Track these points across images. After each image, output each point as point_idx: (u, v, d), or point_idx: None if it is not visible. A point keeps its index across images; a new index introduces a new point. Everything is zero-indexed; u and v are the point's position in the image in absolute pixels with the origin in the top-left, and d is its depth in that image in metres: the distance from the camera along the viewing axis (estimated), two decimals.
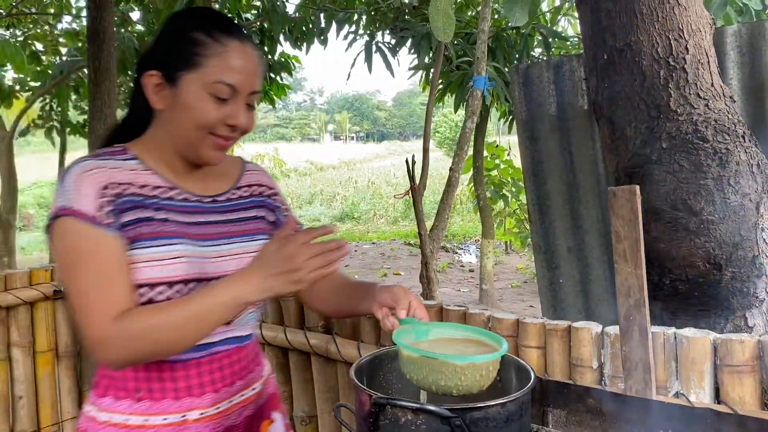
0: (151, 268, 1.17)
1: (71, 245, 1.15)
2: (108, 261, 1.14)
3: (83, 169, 1.18)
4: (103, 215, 1.15)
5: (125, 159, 1.25)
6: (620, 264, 1.31)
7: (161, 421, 1.23)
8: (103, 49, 2.93)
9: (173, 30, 1.25)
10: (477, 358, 1.12)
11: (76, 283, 1.14)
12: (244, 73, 1.21)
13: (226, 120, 1.21)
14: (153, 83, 1.22)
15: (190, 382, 1.25)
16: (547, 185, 2.84)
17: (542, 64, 2.79)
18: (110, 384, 1.25)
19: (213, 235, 1.28)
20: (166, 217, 1.23)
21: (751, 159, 1.78)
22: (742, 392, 1.30)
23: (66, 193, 1.16)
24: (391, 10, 5.72)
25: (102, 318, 1.11)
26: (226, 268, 1.25)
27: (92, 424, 1.25)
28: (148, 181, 1.24)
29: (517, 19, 2.22)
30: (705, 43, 1.84)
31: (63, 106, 8.21)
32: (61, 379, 2.88)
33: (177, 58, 1.20)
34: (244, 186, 1.42)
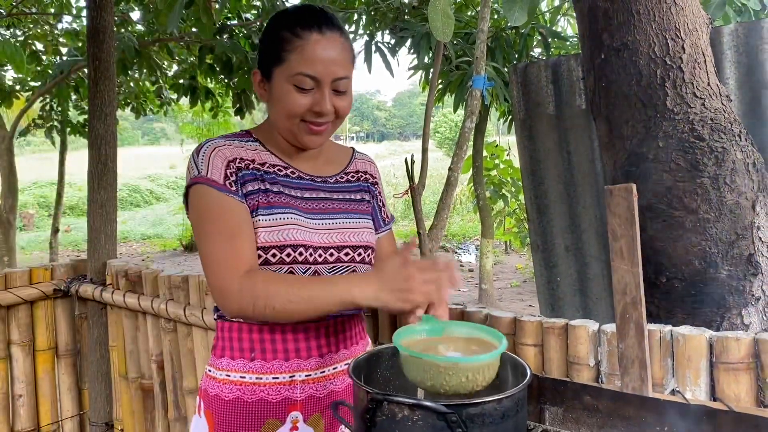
0: (266, 233, 1.32)
1: (205, 207, 1.32)
2: (236, 221, 1.30)
3: (213, 146, 1.36)
4: (230, 184, 1.32)
5: (248, 141, 1.42)
6: (617, 262, 1.31)
7: (272, 379, 1.37)
8: (103, 49, 2.93)
9: (267, 31, 1.38)
10: (463, 359, 1.13)
11: (209, 240, 1.30)
12: (322, 63, 1.30)
13: (311, 107, 1.32)
14: (257, 80, 1.39)
15: (298, 345, 1.38)
16: (545, 184, 2.85)
17: (540, 63, 2.79)
18: (226, 346, 1.40)
19: (321, 209, 1.42)
20: (281, 190, 1.38)
21: (747, 158, 1.78)
22: (738, 390, 1.31)
23: (199, 165, 1.33)
24: (390, 10, 5.72)
25: (230, 271, 1.26)
26: (329, 240, 1.40)
27: (212, 382, 1.40)
28: (268, 159, 1.41)
29: (517, 18, 2.22)
30: (702, 43, 1.85)
31: (63, 105, 8.22)
32: (61, 377, 2.90)
33: (269, 56, 1.34)
34: (352, 171, 1.55)
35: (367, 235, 1.47)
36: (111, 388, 2.90)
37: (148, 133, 54.58)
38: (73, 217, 17.13)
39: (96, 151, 2.92)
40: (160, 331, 2.56)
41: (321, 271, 1.38)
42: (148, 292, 2.58)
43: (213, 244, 1.30)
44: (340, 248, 1.41)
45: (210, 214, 1.31)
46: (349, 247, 1.42)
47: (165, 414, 2.64)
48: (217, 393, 1.39)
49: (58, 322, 2.86)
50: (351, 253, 1.42)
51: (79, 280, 2.87)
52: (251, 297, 1.25)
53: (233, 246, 1.29)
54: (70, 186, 16.25)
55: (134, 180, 22.12)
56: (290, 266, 1.34)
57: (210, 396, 1.40)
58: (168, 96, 8.37)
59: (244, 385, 1.37)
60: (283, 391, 1.37)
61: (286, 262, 1.33)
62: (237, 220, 1.31)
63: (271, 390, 1.37)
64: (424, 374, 1.12)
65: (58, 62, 6.77)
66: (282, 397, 1.37)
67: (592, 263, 2.73)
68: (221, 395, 1.38)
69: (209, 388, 1.41)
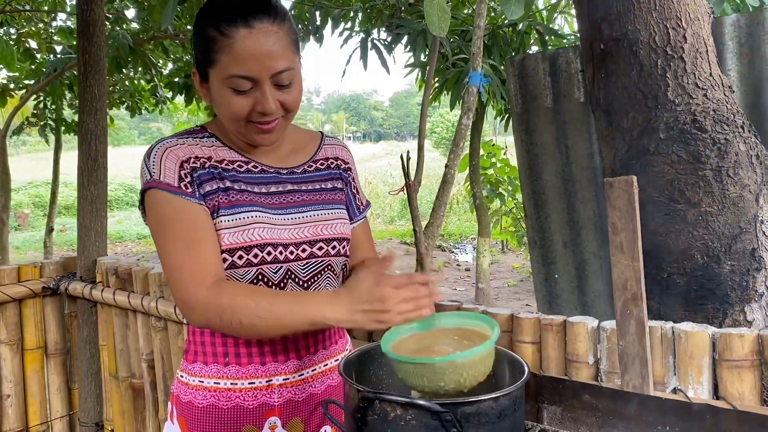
0: (230, 235, 1.25)
1: (159, 214, 1.24)
2: (194, 226, 1.22)
3: (164, 147, 1.27)
4: (185, 186, 1.24)
5: (203, 137, 1.33)
6: (617, 256, 1.28)
7: (248, 385, 1.31)
8: (93, 43, 2.88)
9: (195, 28, 1.27)
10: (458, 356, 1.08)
11: (168, 249, 1.23)
12: (255, 60, 1.18)
13: (254, 108, 1.22)
14: (197, 81, 1.29)
15: (275, 348, 1.32)
16: (543, 179, 2.81)
17: (538, 56, 2.76)
18: (199, 351, 1.34)
19: (289, 203, 1.34)
20: (244, 188, 1.29)
21: (750, 150, 1.74)
22: (742, 387, 1.28)
23: (151, 169, 1.25)
24: (386, 7, 5.68)
25: (193, 282, 1.19)
26: (301, 235, 1.32)
27: (184, 388, 1.34)
28: (226, 156, 1.32)
29: (513, 12, 2.18)
30: (703, 33, 1.81)
31: (57, 103, 8.18)
32: (50, 377, 2.85)
33: (201, 56, 1.24)
34: (321, 159, 1.45)
35: (341, 227, 1.39)
36: (101, 388, 2.86)
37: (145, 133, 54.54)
38: (68, 217, 17.05)
39: (86, 146, 2.88)
40: (151, 329, 2.51)
41: (294, 269, 1.30)
42: (138, 289, 2.53)
43: (173, 252, 1.22)
44: (313, 243, 1.33)
45: (166, 219, 1.23)
46: (322, 240, 1.34)
47: (156, 414, 2.60)
48: (190, 399, 1.32)
49: (47, 321, 2.81)
50: (325, 247, 1.34)
51: (68, 277, 2.82)
52: (217, 310, 1.17)
53: (195, 253, 1.21)
54: (65, 185, 16.18)
55: (130, 180, 22.04)
56: (259, 268, 1.26)
57: (183, 402, 1.34)
58: (163, 95, 8.32)
59: (218, 391, 1.31)
60: (260, 397, 1.31)
61: (254, 263, 1.26)
62: (196, 224, 1.23)
63: (247, 396, 1.31)
64: (419, 377, 1.08)
65: (52, 60, 6.72)
66: (259, 403, 1.31)
67: (590, 259, 2.70)
68: (194, 402, 1.32)
69: (182, 395, 1.34)
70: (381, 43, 5.67)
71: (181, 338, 2.40)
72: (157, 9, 5.21)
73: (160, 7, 5.03)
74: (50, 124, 8.56)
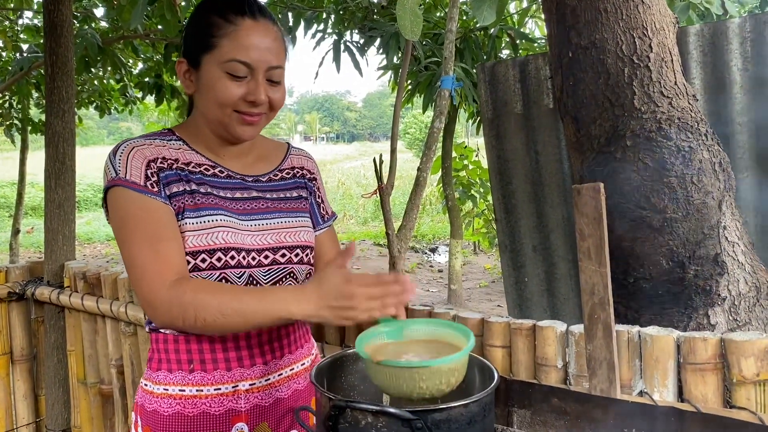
0: (194, 237, 1.25)
1: (124, 211, 1.23)
2: (159, 225, 1.22)
3: (131, 146, 1.27)
4: (151, 185, 1.24)
5: (171, 140, 1.33)
6: (584, 262, 1.30)
7: (214, 391, 1.30)
8: (60, 44, 2.83)
9: (194, 16, 1.30)
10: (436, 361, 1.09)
11: (132, 247, 1.21)
12: (257, 50, 1.24)
13: (245, 97, 1.25)
14: (182, 70, 1.31)
15: (241, 354, 1.32)
16: (513, 184, 2.84)
17: (508, 62, 2.78)
18: (163, 358, 1.32)
19: (254, 210, 1.35)
20: (210, 191, 1.30)
21: (713, 157, 1.79)
22: (705, 390, 1.31)
23: (116, 166, 1.25)
24: (359, 10, 5.68)
25: (156, 280, 1.18)
26: (264, 242, 1.33)
27: (149, 396, 1.32)
28: (193, 158, 1.33)
29: (485, 18, 2.20)
30: (669, 42, 1.85)
31: (23, 103, 8.01)
32: (16, 383, 2.80)
33: (197, 43, 1.27)
34: (287, 168, 1.47)
35: (304, 235, 1.41)
36: (69, 394, 2.81)
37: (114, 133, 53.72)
38: (35, 218, 16.73)
39: (53, 148, 2.83)
40: (120, 334, 2.48)
41: (256, 275, 1.31)
42: (107, 294, 2.50)
43: (136, 250, 1.21)
44: (276, 249, 1.34)
45: (131, 218, 1.23)
46: (285, 248, 1.36)
47: (125, 420, 2.56)
48: (155, 408, 1.31)
49: (13, 326, 2.76)
50: (288, 254, 1.36)
51: (35, 282, 2.78)
52: (180, 308, 1.16)
53: (158, 252, 1.20)
54: (32, 186, 15.87)
55: (99, 180, 21.67)
56: (222, 272, 1.27)
57: (148, 411, 1.32)
58: (133, 95, 8.20)
59: (184, 398, 1.29)
60: (227, 403, 1.31)
61: (217, 267, 1.26)
62: (160, 223, 1.23)
63: (213, 402, 1.30)
64: (394, 381, 1.08)
65: (18, 59, 6.58)
66: (225, 409, 1.30)
67: (559, 263, 2.73)
68: (160, 410, 1.30)
69: (146, 404, 1.32)
70: (354, 45, 5.68)
71: None
72: (126, 9, 5.13)
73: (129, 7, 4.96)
74: (16, 123, 8.39)
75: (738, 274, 1.77)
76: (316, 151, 43.71)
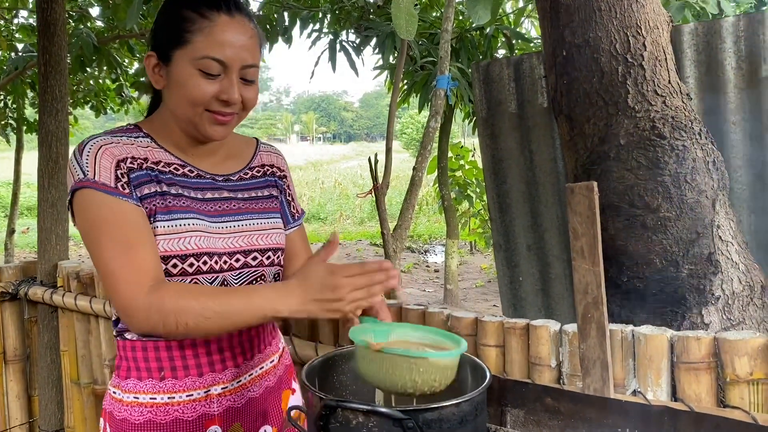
0: (165, 242, 1.20)
1: (94, 215, 1.17)
2: (132, 228, 1.17)
3: (99, 144, 1.21)
4: (122, 186, 1.19)
5: (138, 137, 1.27)
6: (578, 261, 1.30)
7: (186, 397, 1.27)
8: (54, 43, 2.82)
9: (166, 9, 1.24)
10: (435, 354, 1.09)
11: (104, 253, 1.16)
12: (232, 47, 1.19)
13: (218, 95, 1.20)
14: (152, 64, 1.24)
15: (212, 358, 1.29)
16: (507, 183, 2.84)
17: (502, 61, 2.78)
18: (132, 366, 1.28)
19: (225, 211, 1.31)
20: (180, 192, 1.26)
21: (707, 156, 1.79)
22: (699, 389, 1.31)
23: (84, 167, 1.18)
24: (355, 9, 5.68)
25: (133, 287, 1.13)
26: (235, 244, 1.29)
27: (118, 405, 1.28)
28: (162, 158, 1.27)
29: (480, 17, 2.20)
30: (662, 41, 1.85)
31: (18, 103, 7.99)
32: (9, 384, 2.79)
33: (169, 37, 1.21)
34: (257, 166, 1.43)
35: (276, 237, 1.38)
36: (62, 395, 2.81)
37: None
38: (30, 218, 16.67)
39: (47, 148, 2.82)
40: (113, 334, 2.47)
41: (228, 278, 1.28)
42: (100, 294, 2.49)
43: (109, 257, 1.15)
44: (247, 252, 1.31)
45: (101, 222, 1.16)
46: (257, 251, 1.33)
47: None
48: (125, 416, 1.27)
49: (6, 326, 2.75)
50: (259, 257, 1.33)
51: (28, 282, 2.77)
52: (160, 314, 1.12)
53: (133, 257, 1.15)
54: (27, 186, 15.81)
55: None
56: (194, 277, 1.23)
57: (117, 420, 1.28)
58: (129, 94, 8.19)
59: (155, 406, 1.26)
60: (199, 408, 1.28)
61: (189, 273, 1.22)
62: (133, 226, 1.17)
63: (186, 408, 1.27)
64: (388, 372, 1.07)
65: (13, 58, 6.56)
66: (198, 414, 1.28)
67: (554, 262, 2.73)
68: (130, 419, 1.26)
69: (115, 411, 1.28)
70: (349, 45, 5.67)
71: None
72: (122, 8, 5.11)
73: (125, 6, 4.94)
74: (11, 123, 8.37)
75: (732, 273, 1.77)
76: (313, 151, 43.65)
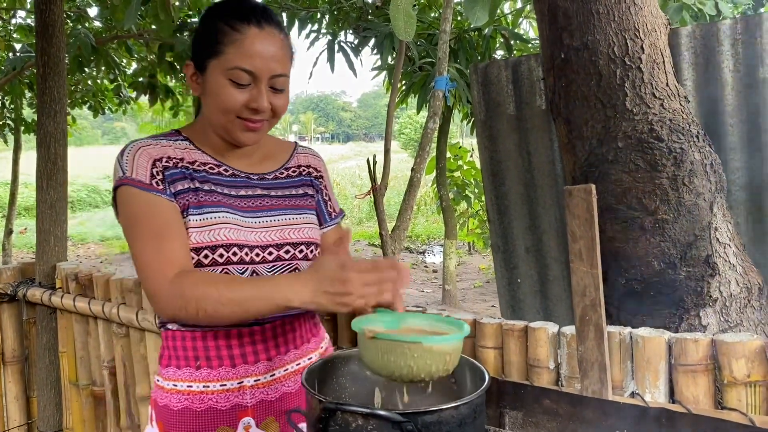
0: (197, 234, 1.28)
1: (130, 209, 1.28)
2: (163, 221, 1.26)
3: (137, 146, 1.32)
4: (156, 183, 1.28)
5: (177, 140, 1.37)
6: (576, 263, 1.30)
7: (220, 387, 1.33)
8: (52, 44, 2.82)
9: (202, 22, 1.33)
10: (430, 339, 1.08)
11: (137, 243, 1.26)
12: (261, 59, 1.26)
13: (248, 104, 1.28)
14: (190, 72, 1.34)
15: (244, 350, 1.35)
16: (506, 185, 2.84)
17: (501, 63, 2.78)
18: (172, 355, 1.36)
19: (258, 207, 1.38)
20: (213, 188, 1.34)
21: (704, 159, 1.79)
22: (696, 391, 1.31)
23: (123, 166, 1.29)
24: (353, 10, 5.68)
25: (158, 274, 1.22)
26: (268, 238, 1.35)
27: (161, 392, 1.37)
28: (198, 158, 1.36)
29: (478, 18, 2.20)
30: (660, 43, 1.85)
31: (16, 103, 7.98)
32: (7, 385, 2.79)
33: (204, 48, 1.30)
34: (293, 167, 1.50)
35: (309, 231, 1.43)
36: (61, 396, 2.80)
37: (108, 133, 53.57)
38: (28, 218, 16.64)
39: (45, 149, 2.81)
40: (112, 336, 2.47)
41: (260, 270, 1.33)
42: (99, 296, 2.49)
43: (141, 246, 1.25)
44: (280, 246, 1.37)
45: (136, 215, 1.27)
46: (289, 244, 1.38)
47: (117, 422, 2.55)
48: (166, 403, 1.35)
49: (5, 328, 2.75)
50: (292, 251, 1.38)
51: (27, 283, 2.76)
52: (181, 300, 1.19)
53: (161, 247, 1.24)
54: (25, 186, 15.79)
55: (93, 180, 21.62)
56: (224, 267, 1.29)
57: (159, 406, 1.36)
58: (127, 95, 8.17)
59: (191, 394, 1.33)
60: (233, 398, 1.34)
61: (220, 263, 1.29)
62: (164, 219, 1.26)
63: (219, 398, 1.33)
64: (384, 357, 1.07)
65: (11, 58, 6.55)
66: (232, 404, 1.34)
67: (552, 264, 2.73)
68: (170, 405, 1.34)
69: (158, 399, 1.37)
70: (348, 46, 5.67)
71: (144, 345, 2.37)
72: (120, 8, 5.10)
73: (123, 7, 4.94)
74: (9, 124, 8.36)
75: (729, 275, 1.77)
76: None
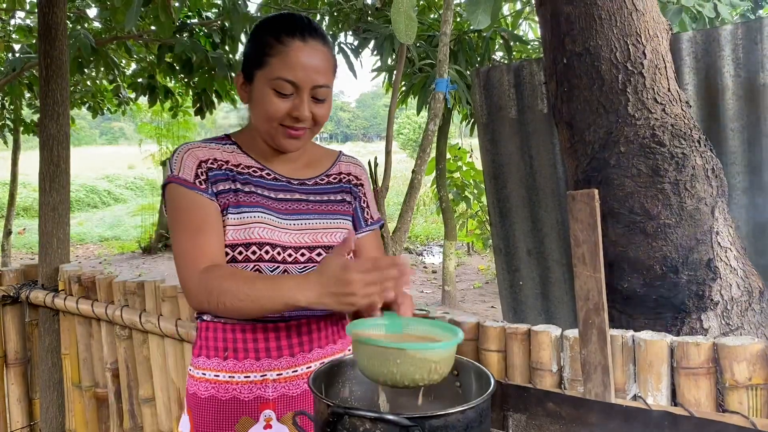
0: (233, 231, 1.36)
1: (175, 205, 1.38)
2: (202, 217, 1.35)
3: (187, 148, 1.42)
4: (200, 182, 1.37)
5: (225, 144, 1.47)
6: (579, 268, 1.31)
7: (244, 378, 1.40)
8: (55, 47, 2.83)
9: (252, 35, 1.42)
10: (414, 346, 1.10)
11: (177, 236, 1.36)
12: (303, 70, 1.33)
13: (290, 112, 1.35)
14: (240, 82, 1.43)
15: (269, 345, 1.41)
16: (508, 188, 2.85)
17: (503, 67, 2.79)
18: (203, 345, 1.44)
19: (295, 210, 1.44)
20: (253, 190, 1.42)
21: (706, 163, 1.80)
22: (698, 394, 1.32)
23: (173, 166, 1.40)
24: (353, 11, 5.69)
25: (191, 267, 1.31)
26: (301, 240, 1.42)
27: (192, 380, 1.45)
28: (243, 161, 1.45)
29: (480, 22, 2.21)
30: (662, 49, 1.86)
31: (15, 104, 7.98)
32: (10, 387, 2.79)
33: (252, 59, 1.38)
34: (334, 173, 1.56)
35: (341, 236, 1.47)
36: (63, 398, 2.81)
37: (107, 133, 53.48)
38: (27, 219, 16.63)
39: (48, 151, 2.82)
40: (115, 338, 2.48)
41: (291, 270, 1.39)
42: (102, 298, 2.50)
43: (180, 238, 1.34)
44: (312, 248, 1.42)
45: (179, 210, 1.37)
46: (321, 247, 1.43)
47: (120, 424, 2.56)
48: (194, 391, 1.43)
49: (7, 330, 2.75)
50: (324, 254, 1.42)
51: (29, 285, 2.77)
52: (206, 292, 1.27)
53: (197, 240, 1.33)
54: (24, 187, 15.79)
55: (92, 180, 21.60)
56: (256, 264, 1.36)
57: (189, 394, 1.45)
58: (126, 95, 8.18)
59: (218, 383, 1.41)
60: (255, 390, 1.40)
61: (252, 260, 1.36)
62: (203, 215, 1.35)
63: (243, 388, 1.40)
64: (371, 361, 1.09)
65: (10, 59, 6.55)
66: (254, 396, 1.40)
67: (554, 267, 2.75)
68: (198, 393, 1.42)
69: (189, 386, 1.45)
70: (348, 47, 5.68)
71: (146, 347, 2.38)
72: (120, 10, 5.11)
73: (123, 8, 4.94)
74: (8, 124, 8.36)
75: (730, 278, 1.79)
76: None
